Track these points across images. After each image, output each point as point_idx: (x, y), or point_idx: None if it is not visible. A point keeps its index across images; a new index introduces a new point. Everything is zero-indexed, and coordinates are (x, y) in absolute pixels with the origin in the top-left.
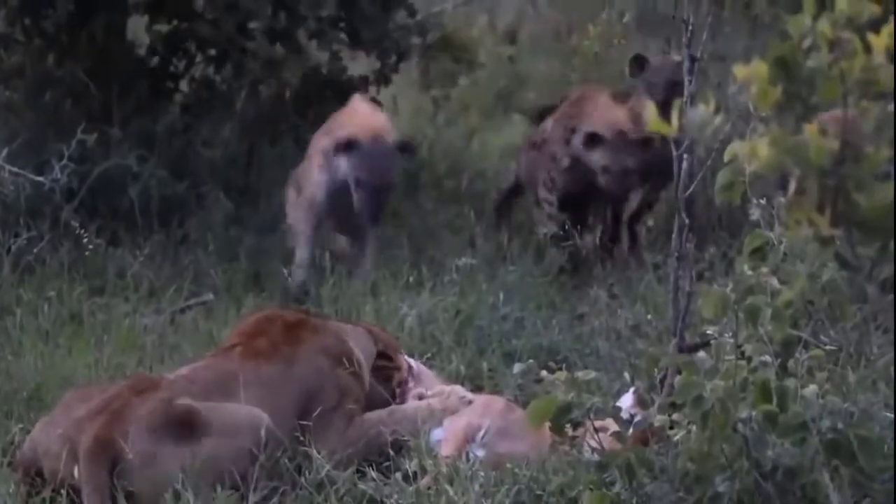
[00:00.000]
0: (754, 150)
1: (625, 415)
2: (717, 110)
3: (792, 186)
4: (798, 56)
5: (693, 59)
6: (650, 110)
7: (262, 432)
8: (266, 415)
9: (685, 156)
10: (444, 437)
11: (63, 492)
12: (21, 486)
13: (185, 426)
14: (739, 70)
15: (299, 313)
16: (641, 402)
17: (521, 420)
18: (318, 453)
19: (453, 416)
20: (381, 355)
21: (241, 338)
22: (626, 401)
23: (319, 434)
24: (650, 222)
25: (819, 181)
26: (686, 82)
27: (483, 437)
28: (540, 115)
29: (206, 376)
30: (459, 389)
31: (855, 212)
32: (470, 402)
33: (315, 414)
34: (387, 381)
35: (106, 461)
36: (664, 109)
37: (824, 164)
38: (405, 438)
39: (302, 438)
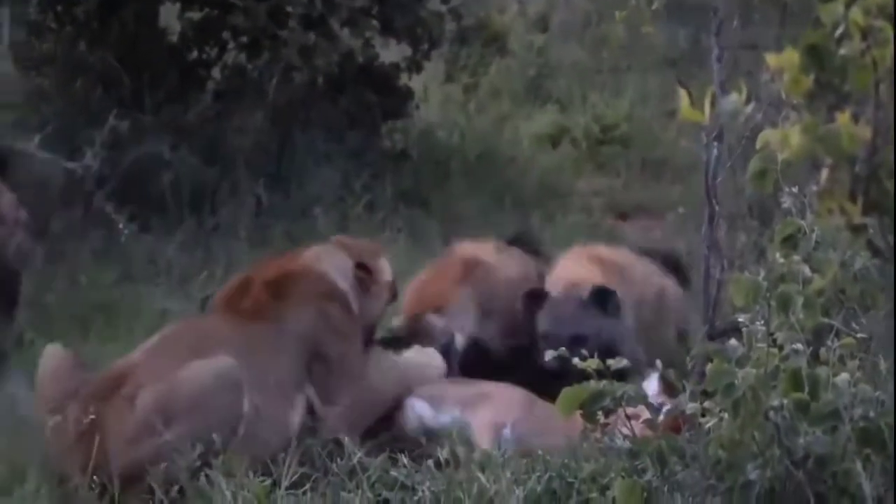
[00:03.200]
0: (786, 139)
1: (652, 402)
2: (748, 99)
3: (824, 175)
4: (830, 44)
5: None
6: (683, 98)
7: (231, 377)
8: (230, 358)
9: (714, 144)
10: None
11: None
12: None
13: (154, 415)
14: (771, 58)
15: (275, 265)
16: (667, 389)
17: (545, 411)
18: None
19: (474, 411)
20: (359, 266)
21: (222, 303)
22: (651, 387)
23: (333, 387)
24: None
25: (850, 169)
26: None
27: (510, 433)
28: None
29: (175, 347)
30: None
31: (886, 200)
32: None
33: (324, 367)
34: (366, 292)
35: (94, 485)
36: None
37: (856, 153)
38: None
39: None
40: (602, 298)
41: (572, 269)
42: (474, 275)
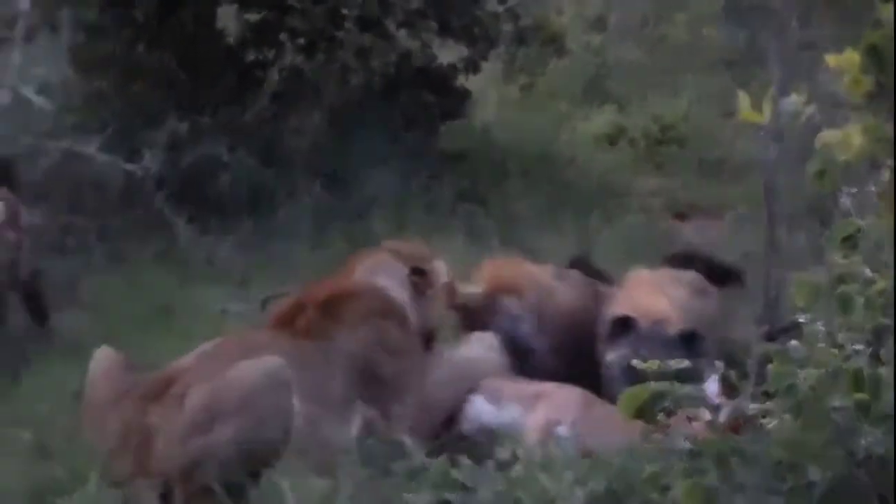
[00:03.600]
0: (846, 140)
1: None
2: (808, 100)
3: (884, 175)
4: (890, 45)
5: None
6: (743, 99)
7: (279, 375)
8: (279, 358)
9: (772, 145)
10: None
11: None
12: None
13: (204, 416)
14: (831, 59)
15: (328, 284)
16: (727, 390)
17: (604, 411)
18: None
19: (532, 409)
20: (414, 271)
21: (274, 322)
22: (711, 387)
23: (391, 405)
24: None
25: None
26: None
27: (566, 432)
28: None
29: (226, 349)
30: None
31: None
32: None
33: (379, 386)
34: (422, 296)
35: (152, 492)
36: None
37: None
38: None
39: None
40: (690, 341)
41: (645, 299)
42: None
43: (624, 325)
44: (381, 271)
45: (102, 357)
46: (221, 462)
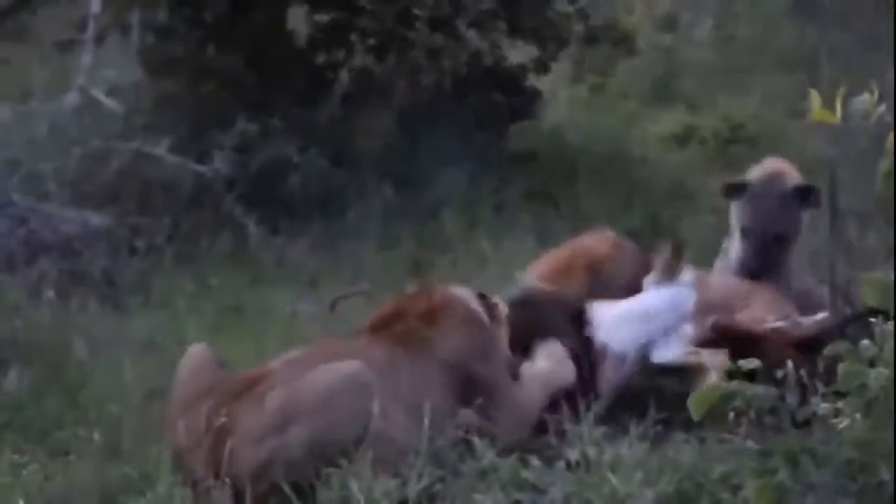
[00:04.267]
0: None
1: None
2: (879, 99)
3: None
4: None
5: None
6: (814, 99)
7: (359, 378)
8: (359, 362)
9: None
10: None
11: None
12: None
13: (280, 419)
14: None
15: (420, 295)
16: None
17: None
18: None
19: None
20: (480, 296)
21: (369, 328)
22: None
23: (492, 408)
24: None
25: None
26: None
27: None
28: None
29: (314, 354)
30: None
31: None
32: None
33: (479, 390)
34: (493, 320)
35: (227, 482)
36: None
37: None
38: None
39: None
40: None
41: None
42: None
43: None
44: (460, 290)
45: (194, 353)
46: (293, 462)
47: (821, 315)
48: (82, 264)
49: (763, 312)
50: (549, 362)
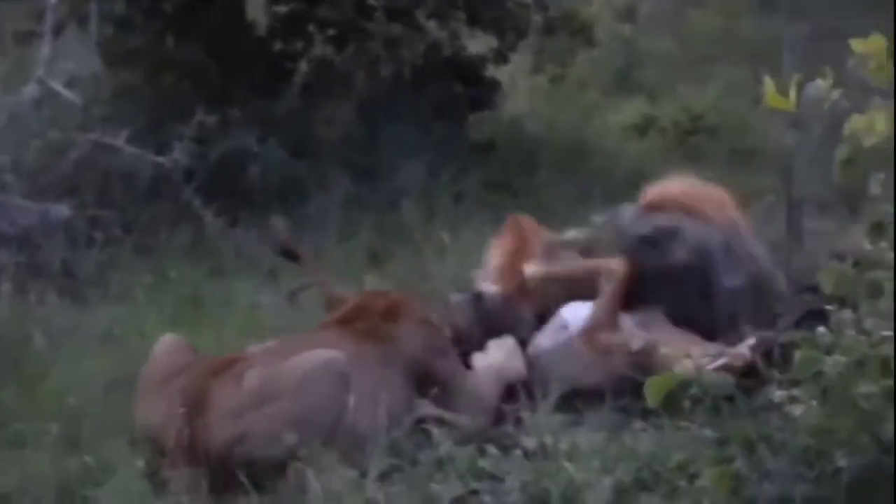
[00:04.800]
0: (871, 125)
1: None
2: (834, 85)
3: None
4: None
5: None
6: (768, 86)
7: (338, 367)
8: (339, 353)
9: (791, 132)
10: None
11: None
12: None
13: (258, 398)
14: (857, 44)
15: (381, 294)
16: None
17: None
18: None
19: None
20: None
21: (334, 322)
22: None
23: (451, 402)
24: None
25: None
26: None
27: None
28: None
29: (289, 346)
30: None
31: None
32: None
33: (438, 385)
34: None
35: (198, 460)
36: None
37: None
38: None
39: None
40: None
41: None
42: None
43: None
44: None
45: (168, 339)
46: (269, 438)
47: (750, 340)
48: (41, 256)
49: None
50: (502, 355)
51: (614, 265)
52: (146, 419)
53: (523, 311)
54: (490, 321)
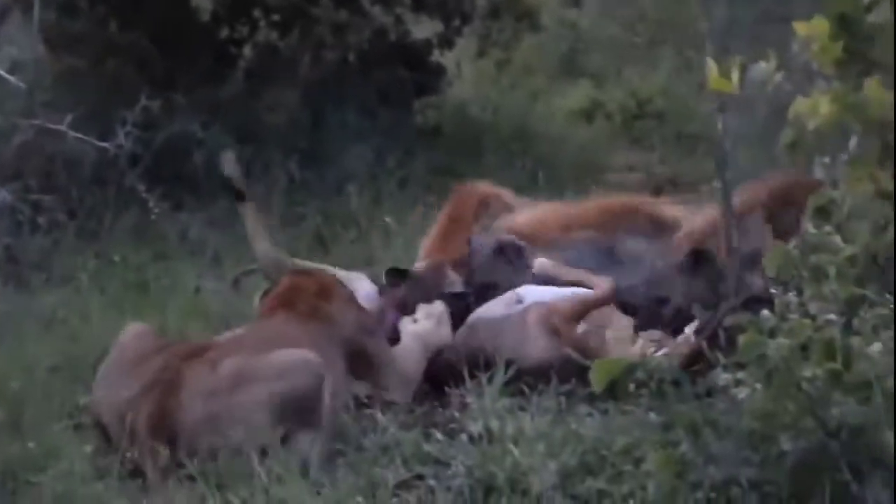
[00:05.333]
0: (815, 108)
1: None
2: (777, 69)
3: (853, 143)
4: (859, 12)
5: None
6: (711, 69)
7: (315, 370)
8: (316, 356)
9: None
10: None
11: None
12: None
13: (234, 380)
14: (800, 27)
15: (311, 273)
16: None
17: None
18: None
19: None
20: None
21: (277, 304)
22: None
23: (380, 377)
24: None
25: (880, 137)
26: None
27: None
28: None
29: (256, 336)
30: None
31: None
32: None
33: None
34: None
35: (164, 438)
36: None
37: (885, 120)
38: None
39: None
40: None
41: None
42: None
43: None
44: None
45: (134, 327)
46: (246, 420)
47: (691, 326)
48: None
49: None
50: (429, 322)
51: (605, 282)
52: (107, 401)
53: (453, 280)
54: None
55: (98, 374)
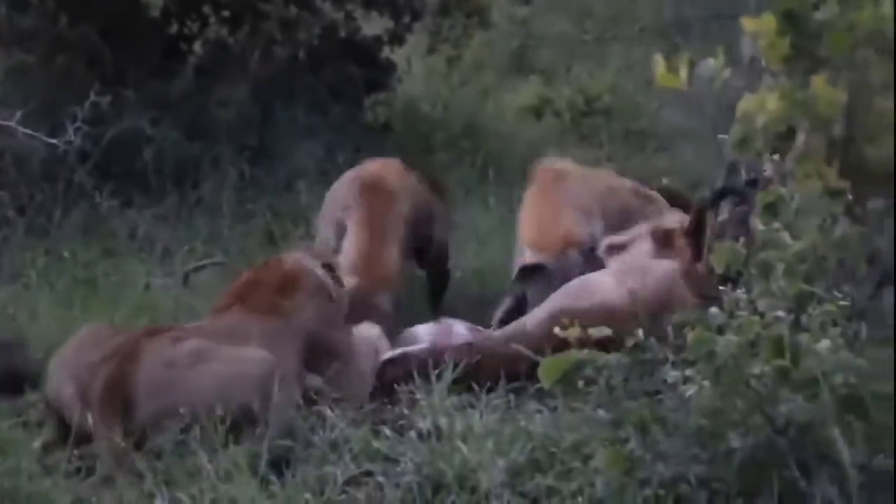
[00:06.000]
0: (763, 104)
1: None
2: (725, 64)
3: (800, 139)
4: (806, 8)
5: None
6: (659, 65)
7: (270, 368)
8: (274, 358)
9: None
10: None
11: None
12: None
13: (193, 356)
14: (748, 23)
15: (272, 265)
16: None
17: None
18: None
19: None
20: (325, 266)
21: (234, 299)
22: None
23: (341, 371)
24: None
25: (827, 133)
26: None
27: None
28: None
29: (214, 329)
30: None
31: (863, 164)
32: None
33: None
34: (338, 285)
35: (118, 403)
36: None
37: (832, 117)
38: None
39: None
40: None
41: None
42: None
43: None
44: (308, 260)
45: (91, 325)
46: (198, 392)
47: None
48: None
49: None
50: (371, 330)
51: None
52: (67, 376)
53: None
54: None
55: (51, 364)
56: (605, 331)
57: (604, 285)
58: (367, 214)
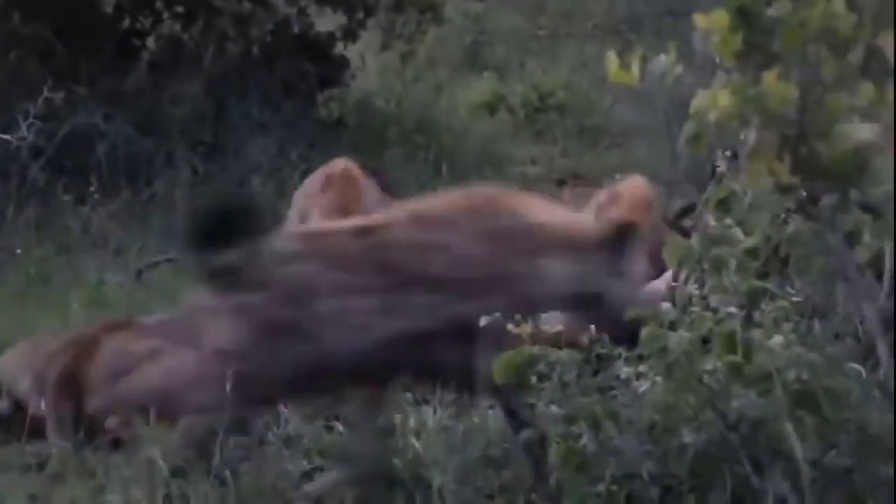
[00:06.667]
0: (715, 100)
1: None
2: (678, 61)
3: (752, 135)
4: (759, 5)
5: None
6: (611, 62)
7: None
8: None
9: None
10: None
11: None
12: None
13: (151, 352)
14: (701, 20)
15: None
16: None
17: None
18: None
19: None
20: None
21: None
22: None
23: None
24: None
25: (779, 130)
26: None
27: None
28: None
29: (173, 327)
30: None
31: (815, 160)
32: None
33: None
34: None
35: (73, 392)
36: None
37: (784, 113)
38: None
39: None
40: None
41: None
42: None
43: None
44: None
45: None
46: (152, 386)
47: None
48: None
49: None
50: None
51: None
52: (24, 363)
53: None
54: None
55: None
56: (558, 326)
57: None
58: (332, 199)
